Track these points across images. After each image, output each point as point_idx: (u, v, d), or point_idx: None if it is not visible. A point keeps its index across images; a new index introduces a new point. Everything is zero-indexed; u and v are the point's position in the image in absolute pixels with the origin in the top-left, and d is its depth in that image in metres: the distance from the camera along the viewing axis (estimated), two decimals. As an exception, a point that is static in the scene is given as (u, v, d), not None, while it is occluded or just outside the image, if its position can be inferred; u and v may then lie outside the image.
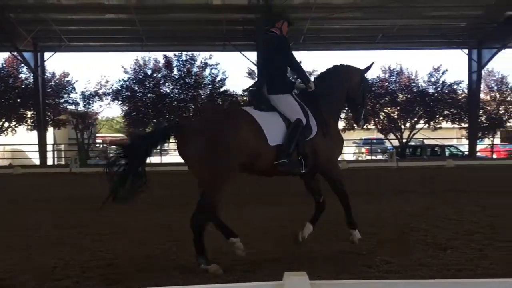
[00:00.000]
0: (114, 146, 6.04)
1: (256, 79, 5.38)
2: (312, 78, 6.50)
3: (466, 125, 33.71)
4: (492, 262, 5.69)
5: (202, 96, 33.39)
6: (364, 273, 5.27)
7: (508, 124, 36.28)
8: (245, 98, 33.77)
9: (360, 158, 38.33)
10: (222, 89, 33.53)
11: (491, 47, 32.23)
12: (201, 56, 33.42)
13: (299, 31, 30.46)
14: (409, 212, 9.14)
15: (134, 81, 33.32)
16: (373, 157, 36.51)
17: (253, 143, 5.66)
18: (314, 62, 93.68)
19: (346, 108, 6.94)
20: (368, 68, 6.71)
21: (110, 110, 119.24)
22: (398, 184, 14.66)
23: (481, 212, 9.18)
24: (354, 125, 6.30)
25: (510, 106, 35.41)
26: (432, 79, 34.09)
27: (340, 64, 6.68)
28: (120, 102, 33.51)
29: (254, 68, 32.51)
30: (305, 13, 28.22)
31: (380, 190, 13.20)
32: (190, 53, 33.35)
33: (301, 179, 6.36)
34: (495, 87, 35.62)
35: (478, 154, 34.70)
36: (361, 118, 6.69)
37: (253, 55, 32.27)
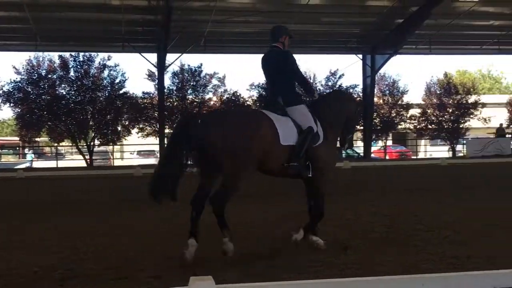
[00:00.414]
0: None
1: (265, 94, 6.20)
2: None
3: (361, 128, 35.06)
4: (390, 260, 5.93)
5: (101, 98, 32.44)
6: (269, 274, 5.30)
7: (399, 126, 38.13)
8: (145, 100, 33.27)
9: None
10: (121, 91, 32.76)
11: (384, 53, 33.78)
12: (99, 57, 32.49)
13: (199, 33, 30.43)
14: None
15: (27, 82, 31.77)
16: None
17: (269, 140, 6.09)
18: (215, 65, 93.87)
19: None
20: (361, 103, 7.32)
21: (1, 113, 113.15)
22: (294, 187, 14.90)
23: (377, 211, 9.55)
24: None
25: (401, 109, 37.24)
26: (330, 83, 35.17)
27: (344, 91, 7.21)
28: (12, 104, 31.84)
29: (154, 70, 32.09)
30: (205, 15, 28.25)
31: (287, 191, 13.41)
32: (87, 53, 32.29)
33: (304, 183, 6.73)
34: (387, 91, 37.33)
35: (372, 155, 36.26)
36: (346, 141, 7.24)
37: (153, 57, 31.87)
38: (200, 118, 6.38)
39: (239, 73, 77.38)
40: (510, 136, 35.93)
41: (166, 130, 32.92)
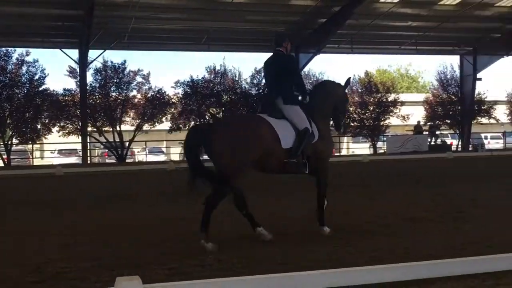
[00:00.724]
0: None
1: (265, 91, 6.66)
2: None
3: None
4: (316, 254, 6.05)
5: (19, 95, 31.17)
6: (197, 273, 5.28)
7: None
8: (66, 98, 32.24)
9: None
10: (41, 88, 31.58)
11: (307, 51, 34.35)
12: (17, 53, 31.19)
13: (123, 30, 29.86)
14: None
15: None
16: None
17: (270, 144, 6.72)
18: (139, 61, 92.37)
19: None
20: (348, 83, 7.99)
21: None
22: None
23: (301, 205, 9.71)
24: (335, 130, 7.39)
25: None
26: (255, 81, 35.34)
27: (329, 80, 8.29)
28: None
29: (76, 66, 31.20)
30: (129, 11, 27.74)
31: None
32: (3, 49, 30.92)
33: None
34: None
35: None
36: (341, 125, 7.93)
37: (74, 53, 30.97)
38: (207, 126, 7.17)
39: (164, 70, 76.65)
40: (427, 133, 37.38)
41: (89, 129, 32.09)
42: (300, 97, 7.37)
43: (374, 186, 13.60)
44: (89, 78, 31.92)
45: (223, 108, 34.35)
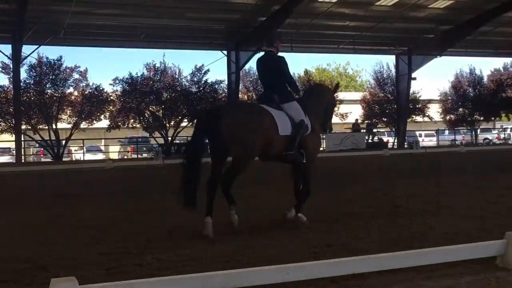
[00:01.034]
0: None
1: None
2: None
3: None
4: (255, 251, 6.10)
5: None
6: (136, 272, 5.22)
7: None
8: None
9: (125, 157, 38.01)
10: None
11: (248, 49, 34.44)
12: None
13: (59, 25, 29.08)
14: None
15: None
16: (139, 156, 36.51)
17: (271, 132, 7.30)
18: (76, 57, 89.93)
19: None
20: (337, 88, 9.37)
21: None
22: (164, 182, 14.82)
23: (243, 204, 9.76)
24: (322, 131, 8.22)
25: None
26: (195, 79, 35.14)
27: (323, 84, 9.94)
28: None
29: (9, 62, 30.18)
30: (65, 6, 27.03)
31: (147, 188, 13.27)
32: None
33: (294, 168, 7.96)
34: (252, 87, 38.10)
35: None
36: (328, 126, 8.67)
37: (7, 48, 29.97)
38: (212, 112, 7.62)
39: (102, 67, 75.09)
40: (364, 131, 38.20)
41: (23, 126, 31.10)
42: (294, 93, 8.01)
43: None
44: (23, 75, 30.99)
45: (163, 106, 33.99)
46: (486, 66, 67.58)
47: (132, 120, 33.69)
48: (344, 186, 12.74)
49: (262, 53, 8.25)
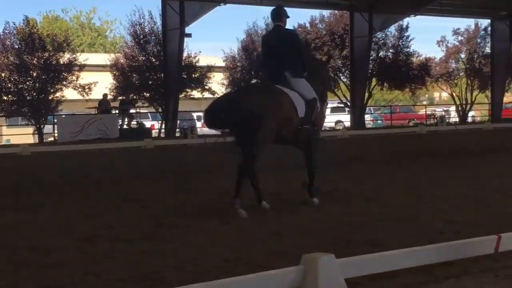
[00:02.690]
0: None
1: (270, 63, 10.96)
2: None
3: None
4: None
5: None
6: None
7: None
8: None
9: None
10: None
11: None
12: None
13: None
14: None
15: None
16: None
17: (290, 112, 10.17)
18: None
19: None
20: (329, 60, 15.32)
21: None
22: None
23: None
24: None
25: None
26: None
27: (315, 58, 14.32)
28: None
29: None
30: None
31: None
32: None
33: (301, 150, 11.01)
34: None
35: None
36: (324, 98, 11.71)
37: None
38: (234, 94, 11.24)
39: None
40: (116, 112, 38.02)
41: None
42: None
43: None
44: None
45: None
46: (294, 18, 71.34)
47: None
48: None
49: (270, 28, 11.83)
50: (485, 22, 53.99)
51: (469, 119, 55.93)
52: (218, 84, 45.81)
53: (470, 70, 54.52)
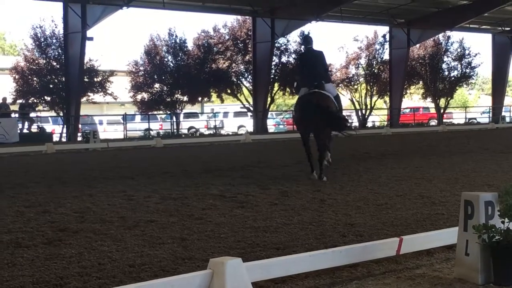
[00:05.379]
0: None
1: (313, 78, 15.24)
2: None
3: None
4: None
5: None
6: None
7: None
8: None
9: None
10: None
11: None
12: None
13: None
14: None
15: None
16: None
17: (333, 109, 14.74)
18: None
19: None
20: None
21: None
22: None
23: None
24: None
25: None
26: None
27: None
28: None
29: None
30: None
31: None
32: None
33: (315, 137, 15.06)
34: None
35: None
36: None
37: None
38: (314, 96, 14.70)
39: None
40: (16, 116, 37.31)
41: None
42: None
43: None
44: None
45: None
46: (198, 24, 71.25)
47: None
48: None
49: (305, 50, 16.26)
50: (384, 30, 55.34)
51: (369, 124, 57.01)
52: (123, 89, 45.40)
53: (370, 76, 55.75)
